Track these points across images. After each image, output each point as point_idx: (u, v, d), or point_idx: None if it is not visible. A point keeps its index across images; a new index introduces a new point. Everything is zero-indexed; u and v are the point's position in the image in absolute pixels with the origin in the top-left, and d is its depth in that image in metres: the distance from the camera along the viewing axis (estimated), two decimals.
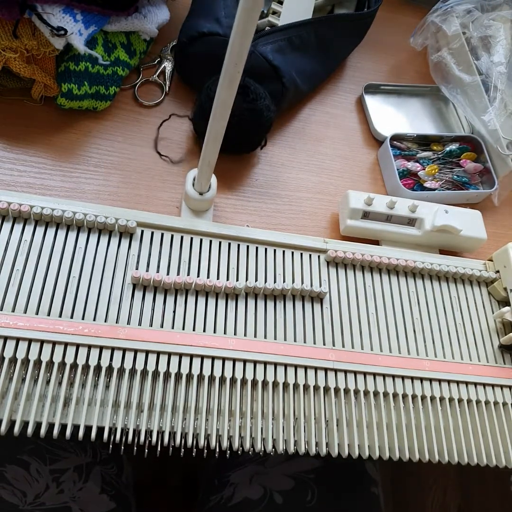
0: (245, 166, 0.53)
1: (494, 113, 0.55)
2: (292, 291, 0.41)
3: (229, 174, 0.51)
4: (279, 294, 0.41)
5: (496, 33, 0.58)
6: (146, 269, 0.40)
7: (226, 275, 0.41)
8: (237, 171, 0.52)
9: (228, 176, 0.51)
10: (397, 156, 0.56)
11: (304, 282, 0.43)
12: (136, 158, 0.50)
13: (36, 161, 0.47)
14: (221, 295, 0.40)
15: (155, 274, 0.38)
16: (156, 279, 0.38)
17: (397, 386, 0.40)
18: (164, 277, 0.39)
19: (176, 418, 0.35)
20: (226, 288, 0.40)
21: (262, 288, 0.40)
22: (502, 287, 0.46)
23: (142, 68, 0.55)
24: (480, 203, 0.57)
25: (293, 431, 0.36)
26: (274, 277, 0.43)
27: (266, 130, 0.50)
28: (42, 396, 0.33)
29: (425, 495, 0.75)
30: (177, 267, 0.41)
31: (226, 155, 0.49)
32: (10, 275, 0.37)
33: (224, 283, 0.40)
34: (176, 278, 0.39)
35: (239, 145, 0.50)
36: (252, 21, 0.27)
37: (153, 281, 0.38)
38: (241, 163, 0.53)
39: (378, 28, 0.64)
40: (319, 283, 0.43)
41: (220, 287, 0.40)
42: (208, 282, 0.39)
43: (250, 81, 0.48)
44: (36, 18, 0.41)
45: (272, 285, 0.40)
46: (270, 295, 0.41)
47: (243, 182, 0.52)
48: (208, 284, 0.39)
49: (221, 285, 0.40)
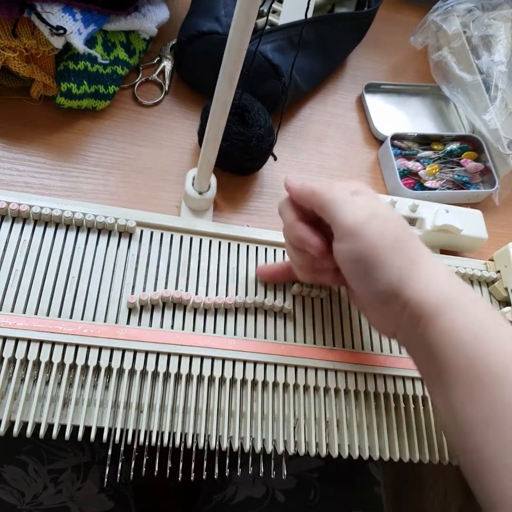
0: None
1: (494, 112, 0.55)
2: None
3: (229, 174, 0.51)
4: (278, 310, 0.41)
5: (497, 32, 0.58)
6: (145, 269, 0.40)
7: (226, 275, 0.41)
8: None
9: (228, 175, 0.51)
10: (397, 156, 0.56)
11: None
12: (136, 157, 0.50)
13: (35, 161, 0.47)
14: (220, 311, 0.39)
15: (152, 293, 0.38)
16: (154, 298, 0.38)
17: (398, 386, 0.39)
18: (162, 293, 0.38)
19: (176, 418, 0.35)
20: (226, 304, 0.39)
21: (262, 302, 0.40)
22: (503, 287, 0.46)
23: (142, 67, 0.55)
24: (481, 202, 0.57)
25: (293, 431, 0.36)
26: None
27: (255, 159, 0.49)
28: (41, 396, 0.33)
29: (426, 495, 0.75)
30: (177, 267, 0.41)
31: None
32: (9, 275, 0.37)
33: (223, 300, 0.39)
34: (174, 293, 0.38)
35: (231, 167, 0.50)
36: (251, 18, 0.27)
37: (150, 300, 0.38)
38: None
39: (378, 27, 0.63)
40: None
41: (219, 303, 0.39)
42: (206, 300, 0.38)
43: (257, 105, 0.47)
44: (35, 17, 0.41)
45: (271, 301, 0.40)
46: (270, 311, 0.40)
47: (243, 181, 0.52)
48: (207, 302, 0.39)
49: (221, 302, 0.39)
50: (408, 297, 0.30)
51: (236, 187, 0.51)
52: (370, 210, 0.31)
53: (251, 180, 0.52)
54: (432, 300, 0.30)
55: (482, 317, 0.30)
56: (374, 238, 0.30)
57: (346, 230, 0.31)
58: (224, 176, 0.50)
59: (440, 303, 0.30)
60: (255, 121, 0.46)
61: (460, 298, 0.30)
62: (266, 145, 0.48)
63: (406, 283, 0.30)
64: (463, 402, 0.28)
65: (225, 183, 0.50)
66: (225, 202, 0.50)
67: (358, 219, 0.31)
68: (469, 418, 0.28)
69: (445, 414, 0.30)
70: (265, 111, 0.48)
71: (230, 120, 0.44)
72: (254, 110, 0.47)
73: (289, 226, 0.35)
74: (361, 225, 0.30)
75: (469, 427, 0.28)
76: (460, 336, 0.29)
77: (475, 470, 0.27)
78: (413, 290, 0.30)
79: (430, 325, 0.29)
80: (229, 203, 0.50)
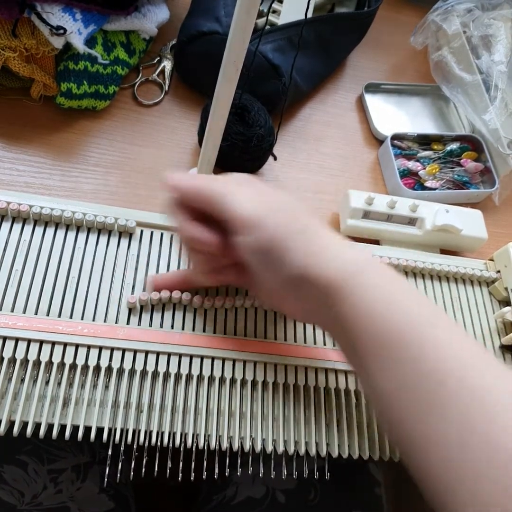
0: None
1: (494, 112, 0.55)
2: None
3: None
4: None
5: (497, 32, 0.58)
6: (145, 268, 0.40)
7: None
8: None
9: None
10: (397, 156, 0.56)
11: None
12: (136, 157, 0.50)
13: (35, 161, 0.47)
14: (220, 311, 0.39)
15: (152, 293, 0.37)
16: (154, 298, 0.37)
17: None
18: (162, 293, 0.38)
19: (176, 418, 0.35)
20: (226, 304, 0.39)
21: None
22: (503, 287, 0.46)
23: (142, 67, 0.55)
24: (481, 202, 0.57)
25: (294, 431, 0.36)
26: None
27: (255, 159, 0.49)
28: (41, 396, 0.33)
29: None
30: (177, 267, 0.41)
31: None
32: (9, 275, 0.37)
33: (223, 301, 0.39)
34: (174, 293, 0.38)
35: (231, 167, 0.50)
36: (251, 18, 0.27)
37: (150, 300, 0.38)
38: None
39: (378, 27, 0.63)
40: None
41: (220, 304, 0.39)
42: (206, 300, 0.38)
43: (257, 105, 0.47)
44: (35, 17, 0.41)
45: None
46: (270, 311, 0.40)
47: None
48: (206, 302, 0.38)
49: (221, 302, 0.39)
50: (317, 277, 0.30)
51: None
52: (269, 199, 0.31)
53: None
54: (338, 275, 0.29)
55: (391, 287, 0.29)
56: (280, 228, 0.30)
57: (244, 222, 0.30)
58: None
59: (347, 277, 0.29)
60: (255, 121, 0.46)
61: (367, 270, 0.30)
62: (266, 145, 0.48)
63: (312, 265, 0.30)
64: (380, 373, 0.27)
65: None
66: None
67: (258, 210, 0.30)
68: (388, 388, 0.27)
69: (368, 392, 0.29)
70: (265, 111, 0.48)
71: (230, 120, 0.44)
72: (254, 110, 0.47)
73: (181, 227, 0.34)
74: (263, 215, 0.30)
75: (387, 398, 0.27)
76: (369, 308, 0.28)
77: (401, 443, 0.27)
78: (320, 269, 0.30)
79: (340, 300, 0.29)
80: None
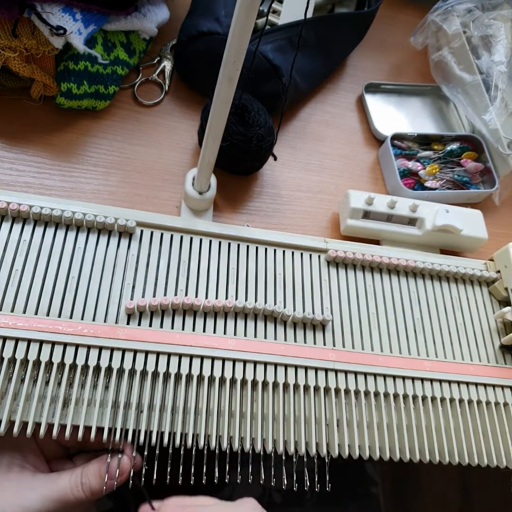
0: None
1: (494, 113, 0.55)
2: (293, 318, 0.40)
3: (229, 174, 0.51)
4: (279, 316, 0.40)
5: (497, 32, 0.58)
6: (145, 269, 0.40)
7: (226, 275, 0.41)
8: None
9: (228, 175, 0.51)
10: (397, 156, 0.56)
11: (304, 286, 0.43)
12: (136, 157, 0.50)
13: (35, 161, 0.47)
14: (220, 314, 0.39)
15: (151, 299, 0.37)
16: (153, 304, 0.37)
17: (398, 386, 0.39)
18: (161, 300, 0.38)
19: (176, 418, 0.35)
20: (225, 308, 0.39)
21: (261, 309, 0.39)
22: (503, 287, 0.46)
23: (142, 67, 0.55)
24: (481, 202, 0.57)
25: (293, 431, 0.36)
26: (274, 277, 0.42)
27: (255, 159, 0.49)
28: (41, 396, 0.33)
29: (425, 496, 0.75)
30: (177, 267, 0.41)
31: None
32: (9, 275, 0.37)
33: (223, 303, 0.39)
34: (173, 299, 0.38)
35: (231, 167, 0.50)
36: (251, 18, 0.27)
37: (149, 306, 0.38)
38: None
39: (378, 27, 0.64)
40: (319, 283, 0.43)
41: (219, 306, 0.39)
42: (206, 302, 0.38)
43: (257, 105, 0.47)
44: (35, 17, 0.41)
45: (272, 306, 0.39)
46: (270, 316, 0.40)
47: (243, 181, 0.52)
48: (206, 305, 0.38)
49: (220, 305, 0.39)
50: None
51: (236, 187, 0.51)
52: None
53: (251, 180, 0.52)
54: None
55: None
56: None
57: None
58: (224, 176, 0.50)
59: None
60: (255, 121, 0.46)
61: None
62: (266, 145, 0.48)
63: None
64: None
65: (225, 183, 0.50)
66: (225, 202, 0.50)
67: None
68: None
69: None
70: (265, 111, 0.48)
71: (230, 120, 0.44)
72: (254, 110, 0.47)
73: None
74: None
75: None
76: None
77: None
78: None
79: None
80: (229, 203, 0.50)
